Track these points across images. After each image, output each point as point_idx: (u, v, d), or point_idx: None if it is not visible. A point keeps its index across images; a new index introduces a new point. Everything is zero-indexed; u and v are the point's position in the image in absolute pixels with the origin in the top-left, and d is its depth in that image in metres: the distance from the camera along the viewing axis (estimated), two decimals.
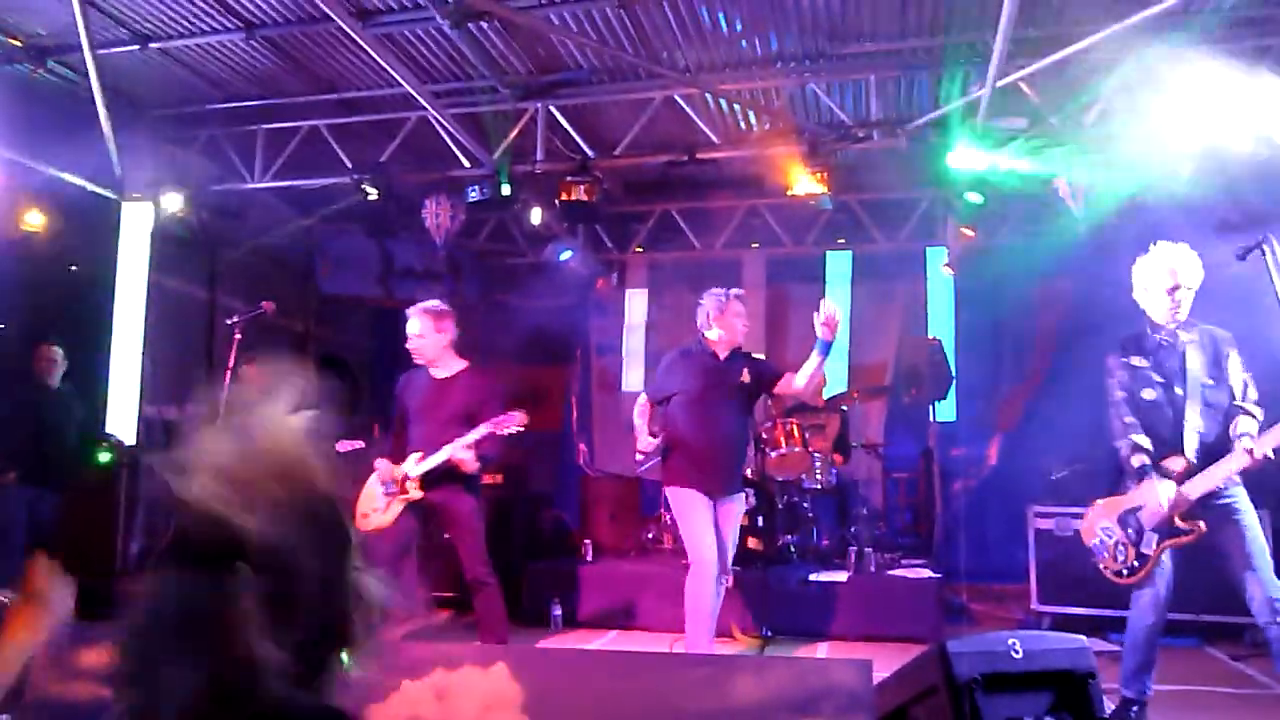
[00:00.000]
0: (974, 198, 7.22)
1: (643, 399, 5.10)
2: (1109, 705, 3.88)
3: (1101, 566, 4.06)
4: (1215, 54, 5.80)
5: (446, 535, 5.01)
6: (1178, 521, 3.81)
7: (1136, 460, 3.91)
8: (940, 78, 6.53)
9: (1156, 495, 3.82)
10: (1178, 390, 3.90)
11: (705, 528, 4.68)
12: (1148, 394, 3.95)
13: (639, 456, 5.64)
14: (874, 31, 6.09)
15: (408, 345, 4.76)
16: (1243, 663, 5.30)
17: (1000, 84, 5.78)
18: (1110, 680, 4.54)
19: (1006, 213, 8.48)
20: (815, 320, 4.81)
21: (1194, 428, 3.85)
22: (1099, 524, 4.07)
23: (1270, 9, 5.63)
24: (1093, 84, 6.19)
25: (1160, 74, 5.84)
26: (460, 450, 4.51)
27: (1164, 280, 3.93)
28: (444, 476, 4.64)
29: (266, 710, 0.84)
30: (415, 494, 4.64)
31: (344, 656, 0.97)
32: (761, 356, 5.28)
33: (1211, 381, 3.90)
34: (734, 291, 5.01)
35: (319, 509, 0.95)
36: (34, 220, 6.60)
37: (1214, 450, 3.83)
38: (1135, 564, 3.91)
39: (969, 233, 8.20)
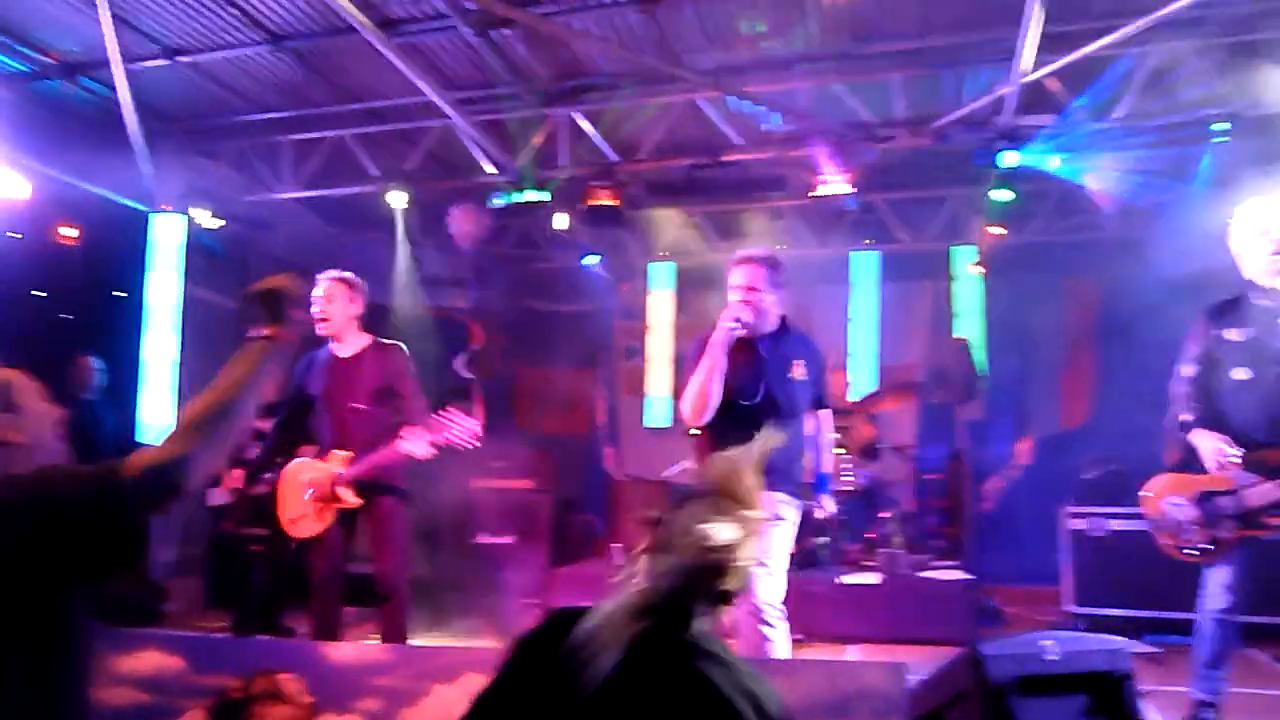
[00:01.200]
0: (1002, 196, 7.18)
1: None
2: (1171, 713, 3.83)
3: (1163, 542, 3.78)
4: (1240, 46, 5.76)
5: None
6: (1262, 515, 3.55)
7: (1183, 422, 3.67)
8: (965, 75, 6.49)
9: (1209, 449, 3.57)
10: (1276, 370, 3.54)
11: None
12: (1239, 373, 3.60)
13: None
14: (897, 30, 6.06)
15: (312, 312, 4.37)
16: None
17: (1026, 80, 5.74)
18: (1148, 682, 4.49)
19: (1034, 210, 8.41)
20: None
21: None
22: (1167, 498, 3.78)
23: None
24: (1120, 79, 6.13)
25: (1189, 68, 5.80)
26: (410, 447, 4.18)
27: (1255, 227, 3.59)
28: (373, 474, 4.30)
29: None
30: (352, 500, 4.28)
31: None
32: (817, 357, 3.98)
33: None
34: (736, 256, 3.89)
35: (722, 571, 1.56)
36: (67, 233, 6.71)
37: None
38: (1206, 546, 3.66)
39: (997, 231, 8.14)
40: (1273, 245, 3.57)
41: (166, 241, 7.31)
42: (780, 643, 3.51)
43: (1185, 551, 3.73)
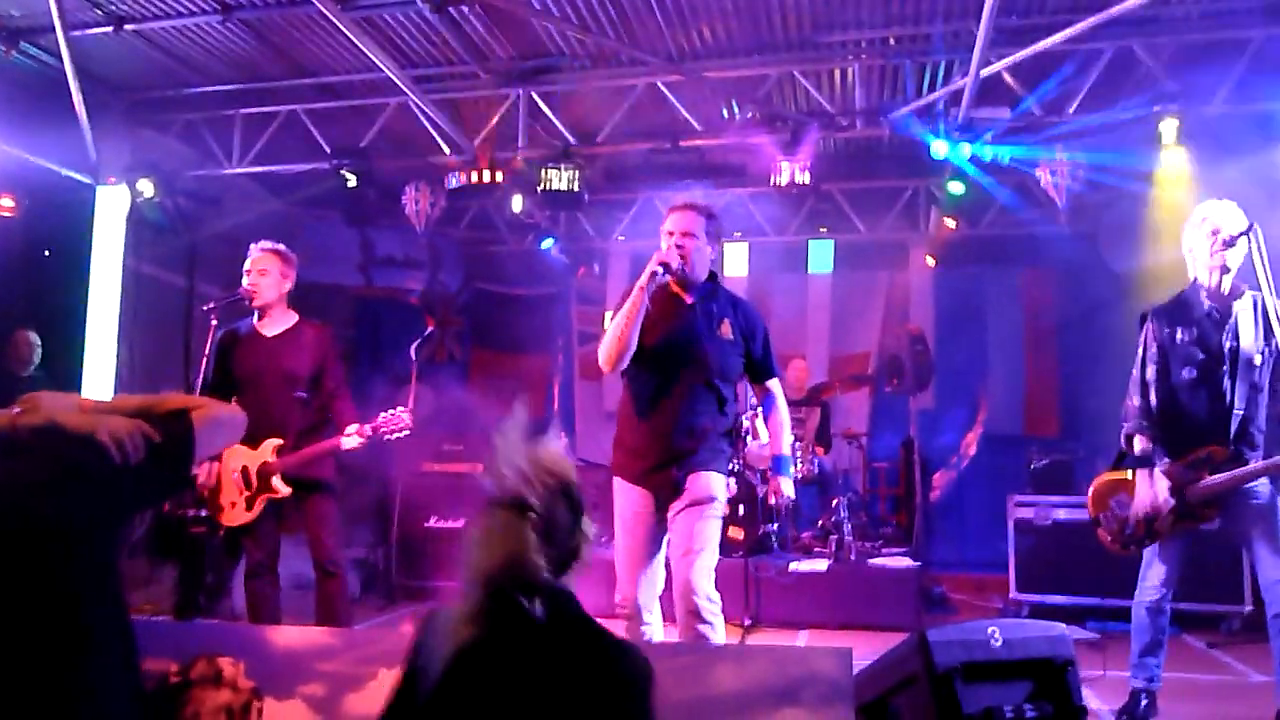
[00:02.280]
0: (956, 187, 7.25)
1: None
2: (1103, 698, 3.92)
3: (1104, 536, 3.89)
4: (1194, 45, 5.86)
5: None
6: (1197, 508, 3.64)
7: (1139, 446, 3.73)
8: (924, 67, 6.53)
9: (1153, 492, 3.66)
10: (1223, 368, 3.63)
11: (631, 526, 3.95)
12: (1187, 372, 3.68)
13: None
14: (857, 20, 6.07)
15: (245, 283, 4.30)
16: (1219, 650, 5.36)
17: (984, 73, 5.78)
18: (1089, 668, 4.59)
19: (989, 202, 8.50)
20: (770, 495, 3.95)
21: (1237, 411, 3.60)
22: (1113, 497, 3.87)
23: (1250, 0, 5.65)
24: (1075, 74, 6.20)
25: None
26: (356, 444, 4.20)
27: (1203, 229, 3.66)
28: (304, 467, 4.25)
29: (537, 584, 1.62)
30: (283, 490, 4.20)
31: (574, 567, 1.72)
32: (753, 318, 3.62)
33: (1259, 359, 3.63)
34: (673, 202, 3.62)
35: (569, 491, 1.71)
36: (6, 205, 6.50)
37: (1250, 437, 3.63)
38: (1145, 539, 3.75)
39: (951, 222, 8.22)
40: (1219, 244, 3.64)
41: (110, 215, 7.12)
42: (719, 637, 3.27)
43: (1126, 546, 3.82)
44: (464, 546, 1.67)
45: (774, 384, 3.66)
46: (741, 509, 6.49)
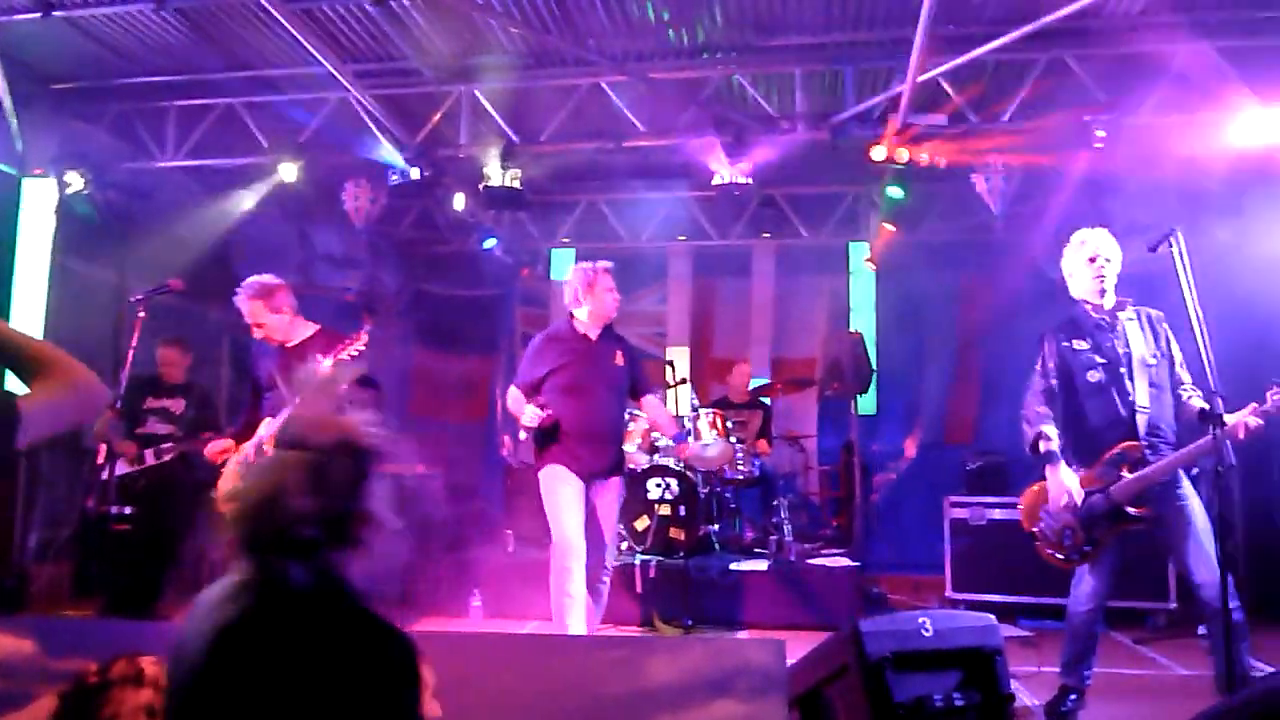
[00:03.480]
0: (895, 193, 7.36)
1: (514, 391, 4.79)
2: (1030, 692, 3.99)
3: (1045, 550, 3.96)
4: (1123, 57, 6.03)
5: None
6: (1129, 509, 3.74)
7: (1042, 446, 3.84)
8: (864, 72, 6.62)
9: (1063, 485, 3.77)
10: (1121, 370, 3.82)
11: (570, 508, 4.49)
12: (1092, 376, 3.86)
13: (521, 436, 5.53)
14: (799, 24, 6.14)
15: (256, 333, 4.49)
16: (1145, 646, 5.50)
17: (921, 80, 5.88)
18: (1018, 663, 4.68)
19: (927, 208, 8.65)
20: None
21: (1142, 409, 3.78)
22: (1040, 508, 3.96)
23: (1178, 16, 5.83)
24: (1010, 82, 6.35)
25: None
26: None
27: (1082, 254, 3.91)
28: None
29: (299, 539, 1.53)
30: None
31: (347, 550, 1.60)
32: (634, 347, 5.11)
33: (1154, 361, 3.84)
34: (601, 264, 4.80)
35: (358, 451, 1.64)
36: None
37: (1161, 433, 3.79)
38: (1086, 548, 3.84)
39: (890, 227, 8.34)
40: (1097, 270, 3.88)
41: (37, 208, 6.90)
42: (607, 592, 4.69)
43: (1071, 558, 3.89)
44: (229, 491, 1.61)
45: (652, 397, 5.08)
46: (683, 509, 6.50)
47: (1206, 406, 3.69)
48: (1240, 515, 6.53)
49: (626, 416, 7.04)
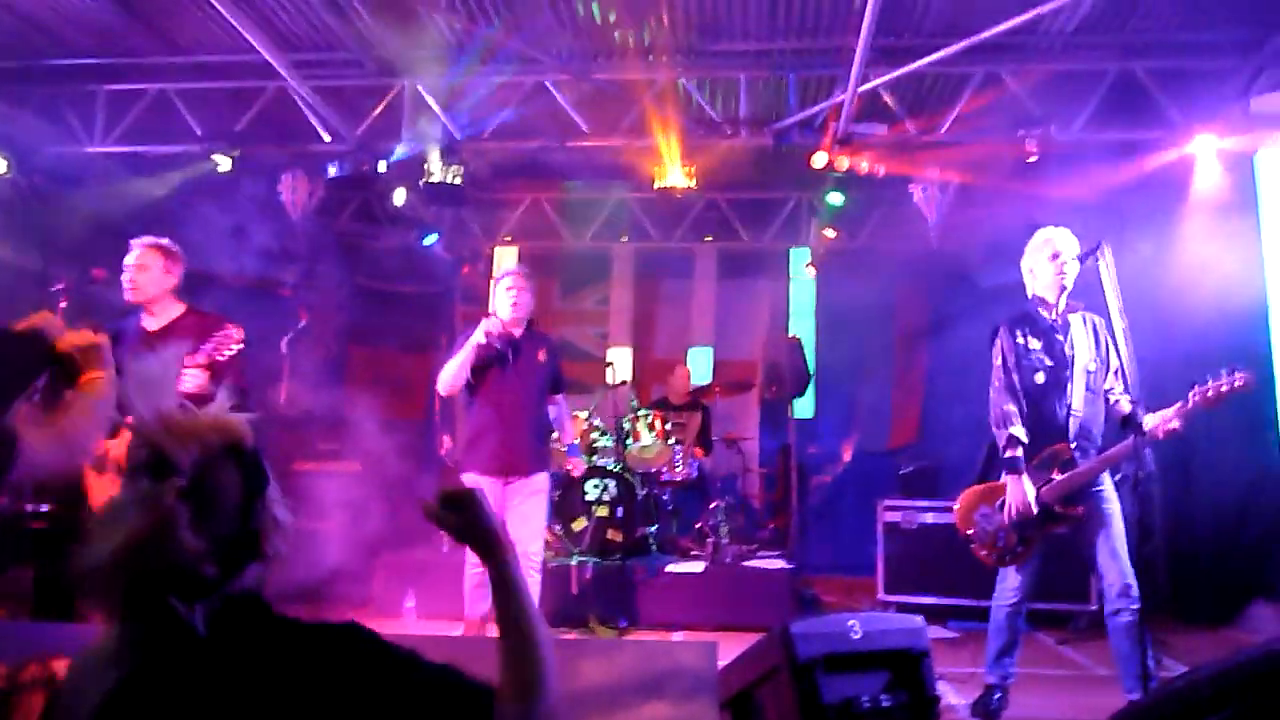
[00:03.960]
0: (835, 200, 7.46)
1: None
2: (963, 692, 4.07)
3: (979, 551, 4.05)
4: (1057, 75, 6.18)
5: None
6: (1058, 508, 3.84)
7: (1010, 453, 3.89)
8: (807, 80, 6.70)
9: (1023, 493, 3.84)
10: (1065, 374, 3.90)
11: None
12: (1038, 377, 3.93)
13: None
14: (745, 30, 6.19)
15: (124, 279, 4.21)
16: (1067, 646, 5.65)
17: (861, 90, 5.97)
18: (948, 665, 4.77)
19: (866, 216, 8.77)
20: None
21: (1076, 413, 3.88)
22: (976, 511, 4.05)
23: (1109, 35, 6.00)
24: (948, 95, 6.47)
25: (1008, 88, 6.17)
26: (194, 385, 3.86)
27: (1045, 251, 3.97)
28: None
29: (193, 580, 1.25)
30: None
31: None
32: (556, 345, 5.27)
33: (1095, 366, 3.93)
34: (510, 270, 5.09)
35: (243, 455, 1.36)
36: None
37: (1091, 435, 3.90)
38: (1018, 548, 3.93)
39: (830, 234, 8.45)
40: (1059, 267, 3.95)
41: None
42: (535, 588, 4.70)
43: (1003, 558, 3.98)
44: (87, 540, 1.25)
45: (561, 398, 5.25)
46: (620, 510, 6.51)
47: (1128, 412, 3.83)
48: (1160, 520, 6.74)
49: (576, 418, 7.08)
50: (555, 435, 5.44)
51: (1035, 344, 3.97)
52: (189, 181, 7.24)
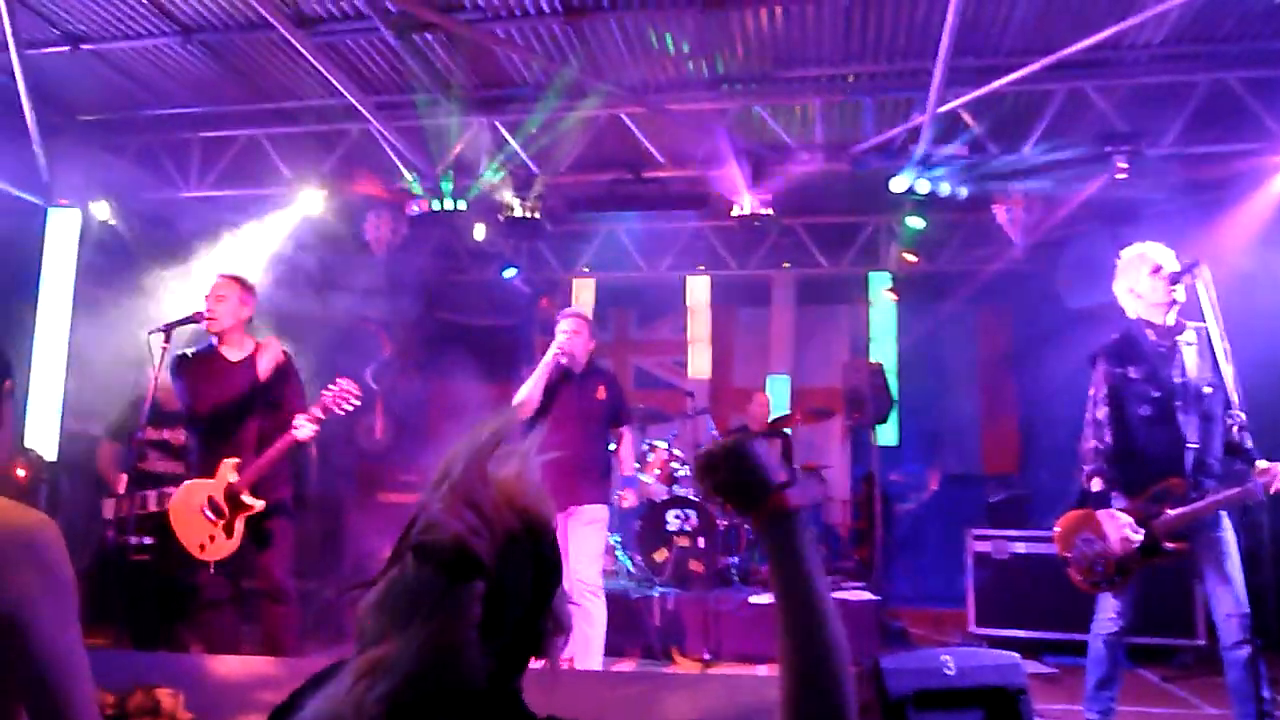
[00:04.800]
0: (915, 223, 7.37)
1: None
2: None
3: (1074, 576, 3.90)
4: (1145, 88, 6.03)
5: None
6: (1166, 544, 3.67)
7: (1097, 485, 3.76)
8: (883, 103, 6.65)
9: (1119, 529, 3.68)
10: (1175, 404, 3.70)
11: None
12: (1144, 409, 3.74)
13: None
14: (818, 56, 6.18)
15: (206, 310, 4.37)
16: (1173, 684, 5.41)
17: (941, 110, 5.90)
18: (1044, 702, 4.61)
19: (948, 239, 8.65)
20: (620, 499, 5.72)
21: (1190, 445, 3.68)
22: (1079, 534, 3.89)
23: (1197, 45, 5.83)
24: (1030, 113, 6.35)
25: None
26: (309, 433, 4.21)
27: (1144, 267, 3.76)
28: (265, 483, 4.28)
29: (466, 694, 1.03)
30: (257, 504, 4.19)
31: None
32: (615, 380, 5.43)
33: (1210, 390, 3.70)
34: (564, 312, 5.32)
35: (542, 542, 1.10)
36: None
37: (1208, 467, 3.70)
38: (1115, 577, 3.78)
39: (911, 257, 8.34)
40: (1165, 281, 3.72)
41: (62, 237, 7.01)
42: (599, 614, 4.88)
43: (1098, 585, 3.84)
44: (357, 629, 1.08)
45: (626, 430, 5.44)
46: (702, 541, 6.48)
47: (1238, 440, 3.66)
48: (1269, 549, 6.43)
49: (646, 448, 7.10)
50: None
51: (1138, 372, 3.77)
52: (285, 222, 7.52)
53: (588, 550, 4.91)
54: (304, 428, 4.21)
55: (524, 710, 1.10)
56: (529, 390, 4.97)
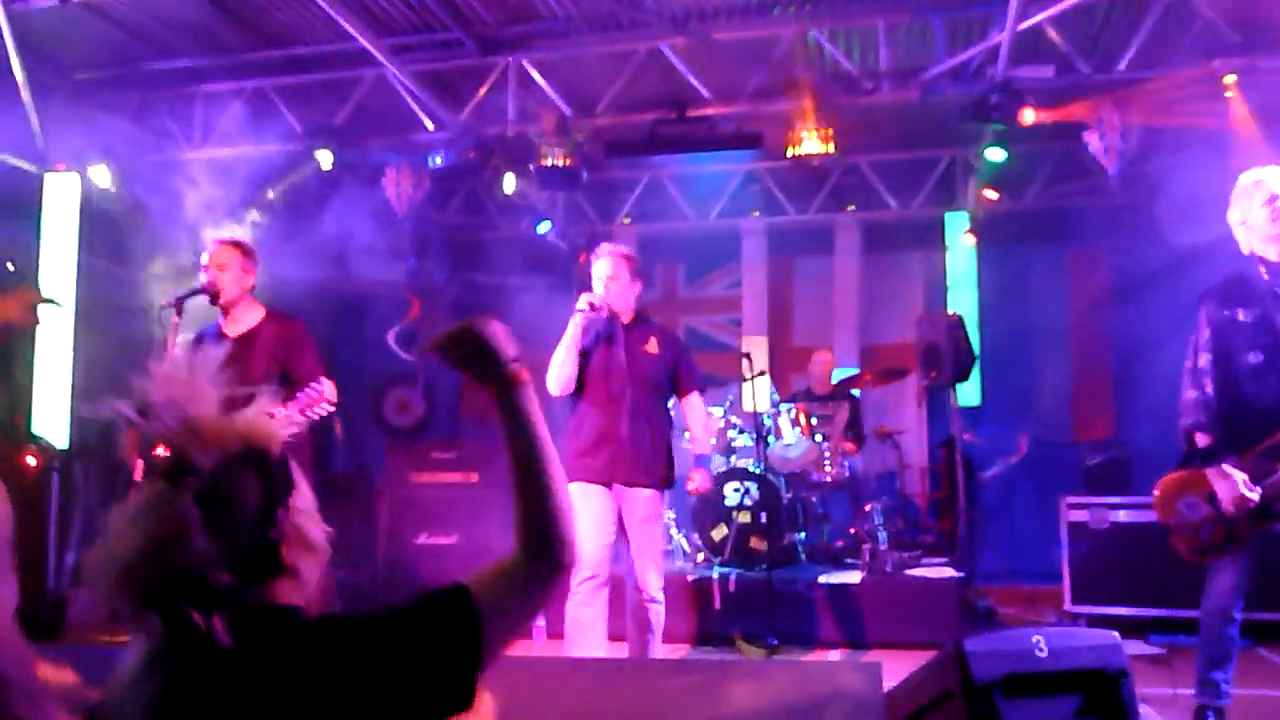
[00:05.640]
0: (996, 156, 7.25)
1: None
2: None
3: (1179, 545, 3.86)
4: None
5: None
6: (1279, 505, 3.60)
7: (1201, 440, 3.71)
8: (956, 22, 6.53)
9: (1234, 485, 3.61)
10: None
11: (583, 519, 4.21)
12: (1252, 356, 3.67)
13: None
14: None
15: (203, 281, 4.40)
16: None
17: (1022, 27, 5.78)
18: (1149, 685, 4.59)
19: (1033, 172, 8.50)
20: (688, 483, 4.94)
21: None
22: (1180, 499, 3.85)
23: None
24: (1125, 26, 6.20)
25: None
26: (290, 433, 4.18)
27: (1258, 196, 3.66)
28: None
29: (208, 588, 1.31)
30: None
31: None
32: (674, 337, 4.99)
33: None
34: (598, 251, 4.77)
35: (267, 462, 1.42)
36: None
37: None
38: (1225, 545, 3.72)
39: (992, 195, 8.22)
40: (1276, 212, 3.64)
41: (60, 205, 7.17)
42: (657, 621, 4.55)
43: (1205, 554, 3.80)
44: (102, 546, 1.34)
45: (695, 399, 4.84)
46: (764, 516, 6.51)
47: None
48: None
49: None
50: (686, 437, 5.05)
51: (1248, 315, 3.70)
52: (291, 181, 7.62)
53: (647, 552, 4.56)
54: (282, 427, 4.13)
55: (292, 617, 1.39)
56: (562, 365, 4.49)
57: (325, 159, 7.07)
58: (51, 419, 6.97)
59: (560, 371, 4.50)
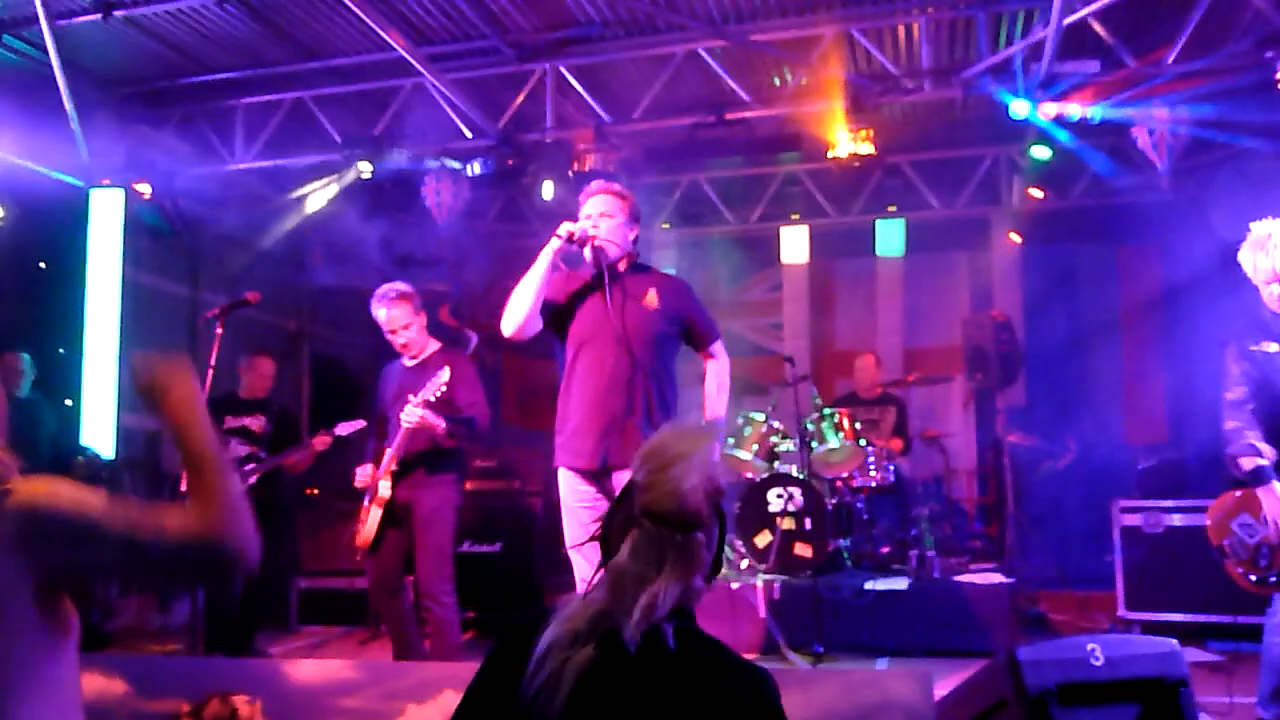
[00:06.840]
0: (1041, 153, 7.18)
1: None
2: None
3: (1234, 570, 3.81)
4: None
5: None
6: None
7: (1248, 463, 3.66)
8: (998, 17, 6.47)
9: (1275, 513, 3.59)
10: None
11: (579, 535, 3.81)
12: None
13: None
14: None
15: (397, 340, 4.73)
16: None
17: (1067, 22, 5.72)
18: (1208, 694, 4.50)
19: (1079, 169, 8.40)
20: None
21: None
22: (1235, 519, 3.81)
23: None
24: (1173, 18, 6.11)
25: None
26: (416, 419, 4.40)
27: (1264, 271, 3.64)
28: (412, 466, 4.57)
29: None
30: (384, 492, 4.53)
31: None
32: (678, 285, 4.03)
33: None
34: (590, 187, 4.00)
35: (722, 500, 1.69)
36: None
37: None
38: None
39: (1037, 193, 8.14)
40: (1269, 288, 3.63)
41: (106, 220, 7.30)
42: None
43: (1265, 581, 3.72)
44: (608, 567, 1.61)
45: (717, 350, 4.04)
46: (809, 522, 6.47)
47: None
48: None
49: (741, 421, 7.07)
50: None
51: (1275, 346, 3.67)
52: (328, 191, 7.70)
53: None
54: (412, 416, 4.46)
55: (698, 629, 1.64)
56: (519, 299, 3.72)
57: (365, 169, 7.14)
58: (98, 431, 7.08)
59: (516, 307, 3.73)
